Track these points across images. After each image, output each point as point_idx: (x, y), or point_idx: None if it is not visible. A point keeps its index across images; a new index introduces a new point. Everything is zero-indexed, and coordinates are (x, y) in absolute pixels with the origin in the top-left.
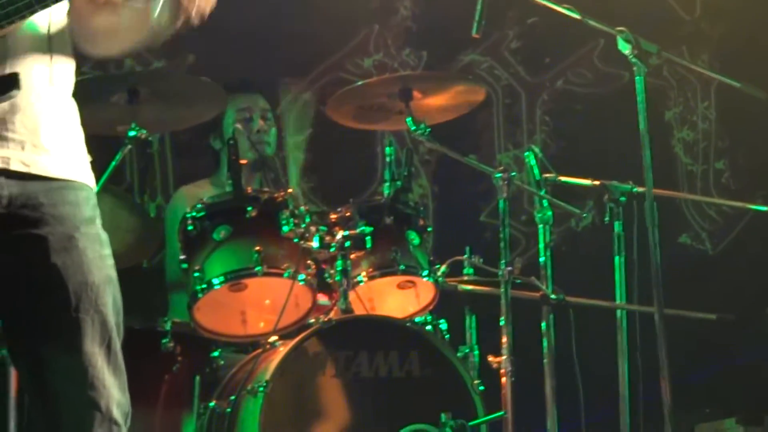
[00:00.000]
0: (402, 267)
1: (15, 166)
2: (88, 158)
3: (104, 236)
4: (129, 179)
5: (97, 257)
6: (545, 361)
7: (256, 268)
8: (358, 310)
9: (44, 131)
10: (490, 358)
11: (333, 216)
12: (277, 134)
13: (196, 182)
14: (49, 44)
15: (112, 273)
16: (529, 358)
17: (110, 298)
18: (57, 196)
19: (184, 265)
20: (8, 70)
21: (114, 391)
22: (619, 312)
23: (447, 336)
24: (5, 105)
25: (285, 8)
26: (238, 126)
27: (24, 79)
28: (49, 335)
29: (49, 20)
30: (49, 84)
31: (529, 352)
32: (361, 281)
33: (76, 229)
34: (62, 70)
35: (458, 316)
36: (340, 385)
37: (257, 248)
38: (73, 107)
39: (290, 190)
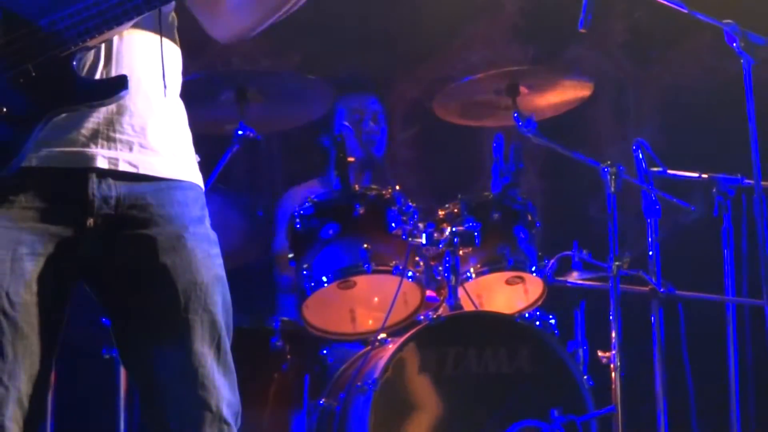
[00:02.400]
0: (510, 263)
1: (123, 167)
2: (196, 158)
3: (213, 236)
4: (237, 179)
5: (206, 257)
6: (655, 355)
7: (365, 266)
8: (467, 306)
9: (152, 132)
10: (600, 353)
11: (441, 212)
12: (387, 135)
13: (305, 183)
14: (159, 44)
15: (221, 272)
16: (639, 352)
17: (219, 298)
18: (165, 196)
19: (293, 263)
20: (116, 72)
21: (224, 391)
22: (728, 305)
23: (556, 331)
24: (113, 106)
25: (391, 5)
26: (347, 124)
27: (132, 81)
28: (158, 335)
29: (158, 20)
30: (157, 85)
31: (638, 346)
32: (469, 277)
33: (185, 229)
34: (170, 70)
35: (567, 311)
36: (449, 381)
37: (365, 245)
38: (181, 107)
39: (398, 187)
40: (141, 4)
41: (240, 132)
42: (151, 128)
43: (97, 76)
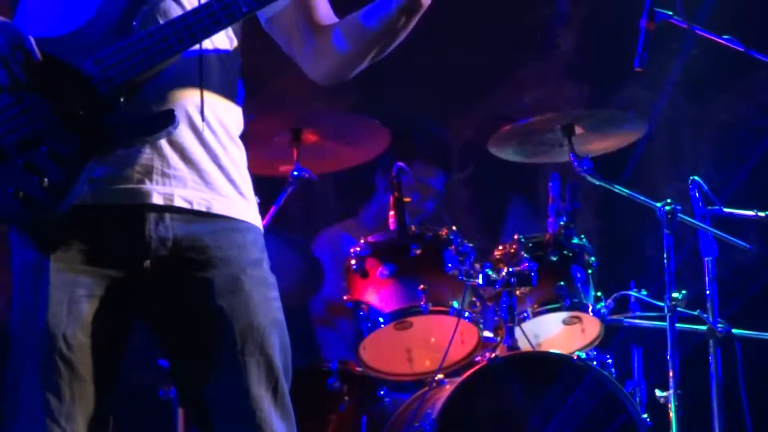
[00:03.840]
0: (567, 302)
1: (178, 202)
2: (255, 199)
3: (271, 279)
4: (293, 219)
5: (263, 300)
6: (713, 394)
7: (422, 306)
8: (524, 347)
9: (207, 169)
10: (657, 393)
11: (497, 252)
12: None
13: (342, 222)
14: (208, 80)
15: (279, 315)
16: (697, 392)
17: (277, 341)
18: (223, 238)
19: (349, 304)
20: (165, 107)
21: None
22: None
23: (613, 371)
24: (165, 143)
25: (445, 44)
26: (402, 165)
27: (183, 116)
28: (215, 378)
29: (200, 56)
30: (211, 122)
31: (696, 386)
32: (526, 317)
33: (243, 272)
34: (224, 109)
35: (624, 350)
36: (507, 422)
37: (422, 286)
38: (239, 146)
39: (454, 228)
40: (185, 37)
41: (295, 173)
42: (205, 165)
43: (145, 113)
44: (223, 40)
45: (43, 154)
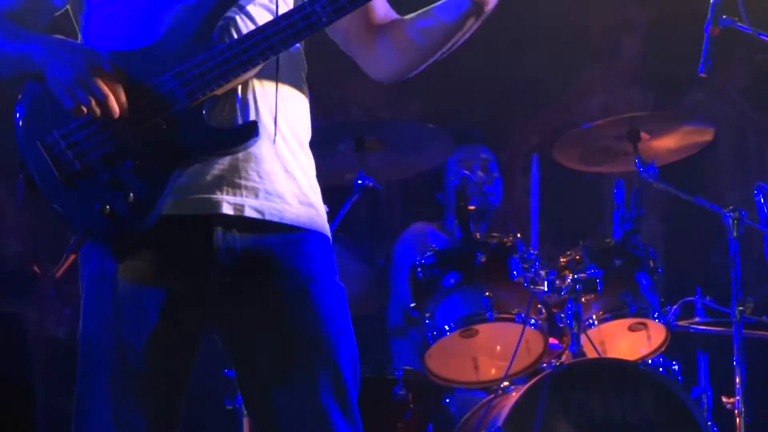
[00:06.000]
0: (633, 309)
1: (248, 213)
2: (325, 208)
3: (340, 287)
4: (357, 228)
5: (331, 309)
6: None
7: (487, 314)
8: (590, 354)
9: (278, 179)
10: (724, 399)
11: (562, 259)
12: (501, 183)
13: (428, 220)
14: (281, 91)
15: (347, 325)
16: (763, 398)
17: (345, 350)
18: (291, 248)
19: (415, 313)
20: (244, 119)
21: None
22: None
23: (679, 377)
24: (239, 153)
25: (508, 52)
26: (466, 172)
27: (260, 127)
28: (282, 387)
29: (279, 67)
30: (284, 132)
31: (762, 392)
32: (592, 324)
33: (311, 282)
34: (296, 118)
35: (690, 357)
36: (573, 429)
37: (487, 294)
38: (308, 155)
39: (519, 235)
40: (265, 49)
41: (359, 181)
42: (277, 175)
43: (227, 124)
44: (293, 48)
45: (127, 168)
